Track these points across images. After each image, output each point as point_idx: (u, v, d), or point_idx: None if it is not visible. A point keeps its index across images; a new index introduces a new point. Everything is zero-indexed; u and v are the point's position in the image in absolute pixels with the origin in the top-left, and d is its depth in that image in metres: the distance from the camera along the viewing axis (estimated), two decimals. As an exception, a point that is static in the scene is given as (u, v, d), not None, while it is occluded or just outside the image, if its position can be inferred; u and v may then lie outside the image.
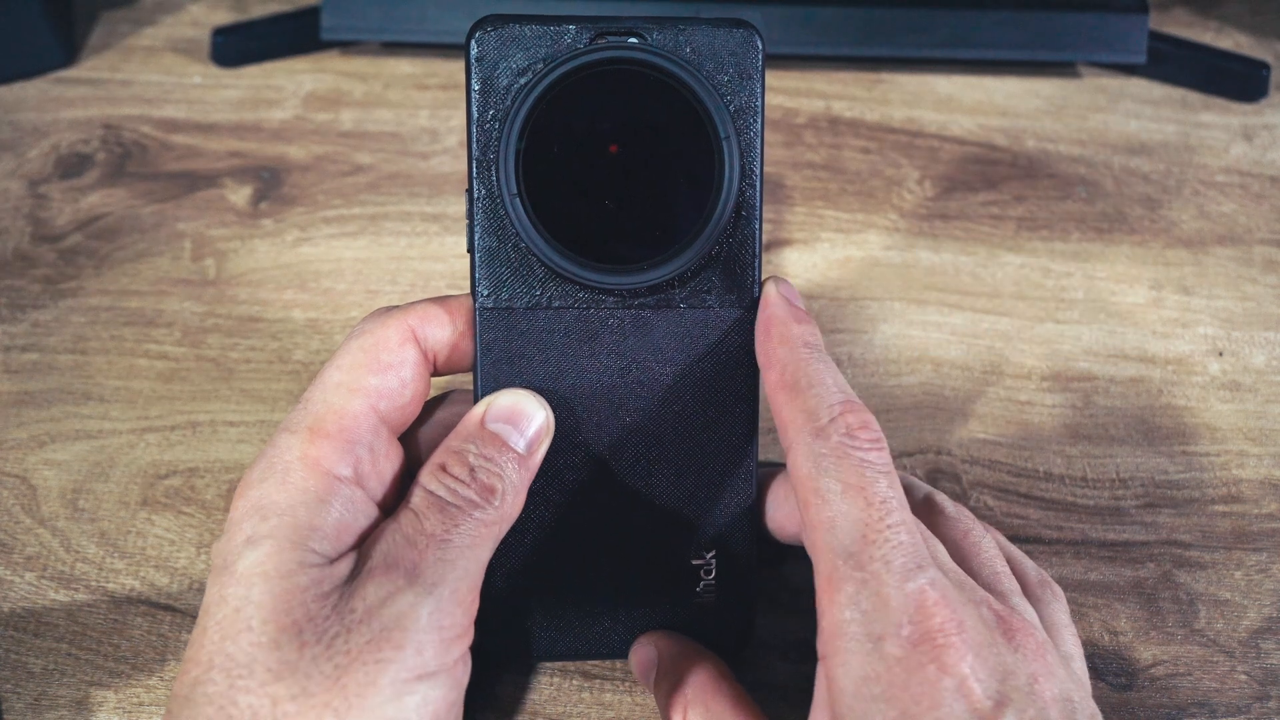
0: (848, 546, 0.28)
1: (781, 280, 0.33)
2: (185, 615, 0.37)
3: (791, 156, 0.55)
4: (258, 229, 0.50)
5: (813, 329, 0.32)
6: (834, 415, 0.30)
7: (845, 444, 0.29)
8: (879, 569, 0.27)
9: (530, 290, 0.32)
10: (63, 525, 0.40)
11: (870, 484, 0.29)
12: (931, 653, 0.26)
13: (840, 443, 0.29)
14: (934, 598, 0.27)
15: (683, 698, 0.32)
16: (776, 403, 0.31)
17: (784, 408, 0.31)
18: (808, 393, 0.30)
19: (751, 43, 0.32)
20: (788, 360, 0.31)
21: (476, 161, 0.32)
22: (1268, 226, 0.52)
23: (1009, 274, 0.49)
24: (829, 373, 0.31)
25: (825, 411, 0.30)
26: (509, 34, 0.32)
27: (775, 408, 0.31)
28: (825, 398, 0.30)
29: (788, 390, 0.31)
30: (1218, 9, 0.64)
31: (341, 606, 0.28)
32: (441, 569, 0.29)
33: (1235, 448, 0.43)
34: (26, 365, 0.45)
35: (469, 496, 0.30)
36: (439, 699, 0.28)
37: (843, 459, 0.29)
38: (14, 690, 0.35)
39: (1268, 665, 0.36)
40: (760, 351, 0.32)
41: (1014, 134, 0.56)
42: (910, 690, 0.26)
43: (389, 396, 0.31)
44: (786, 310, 0.32)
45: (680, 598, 0.34)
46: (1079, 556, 0.39)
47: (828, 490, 0.29)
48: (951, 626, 0.27)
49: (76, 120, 0.56)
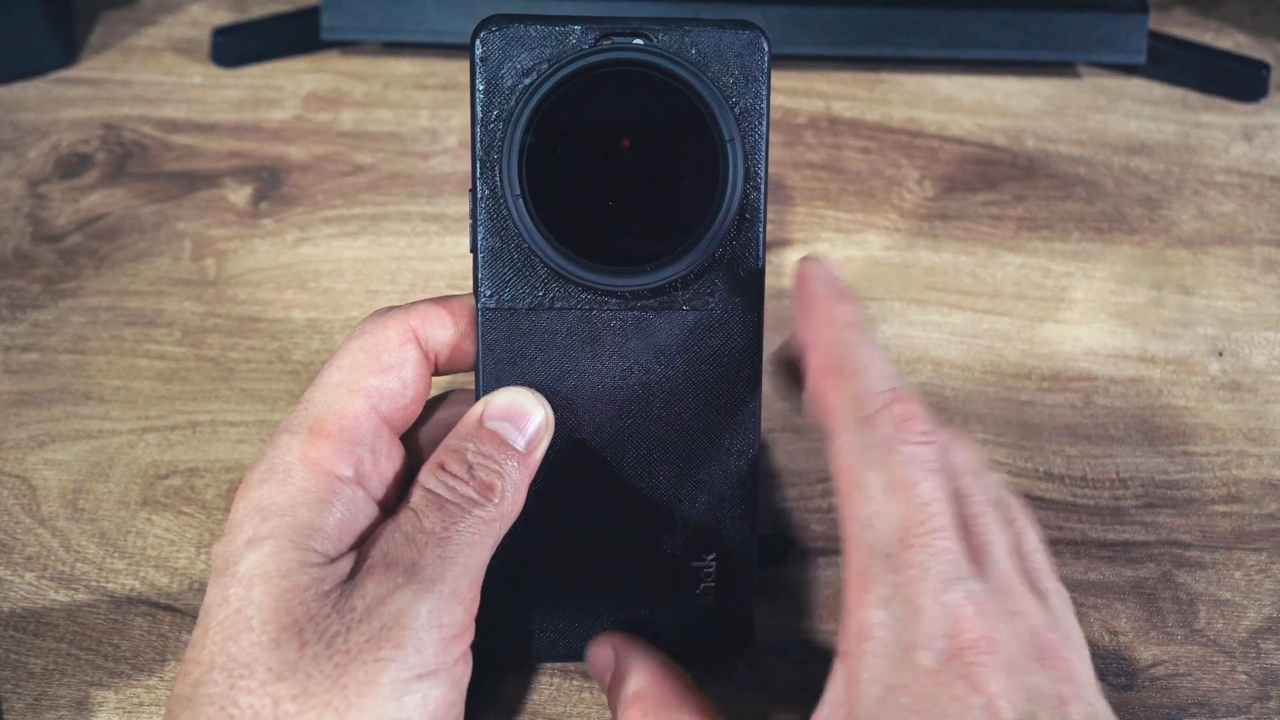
0: (884, 547, 0.27)
1: (816, 259, 0.31)
2: (185, 615, 0.37)
3: (791, 156, 0.55)
4: (258, 229, 0.50)
5: (857, 309, 0.30)
6: (884, 404, 0.28)
7: (893, 436, 0.28)
8: (915, 575, 0.27)
9: (533, 291, 0.32)
10: (63, 525, 0.40)
11: (916, 483, 0.27)
12: (963, 669, 0.26)
13: (888, 434, 0.28)
14: (970, 612, 0.26)
15: (642, 705, 0.31)
16: (820, 388, 0.29)
17: (829, 393, 0.29)
18: (855, 378, 0.29)
19: (757, 45, 0.32)
20: (833, 342, 0.29)
21: (480, 162, 0.32)
22: (1268, 226, 0.52)
23: (1009, 274, 0.49)
24: (877, 357, 0.29)
25: (873, 400, 0.28)
26: (514, 34, 0.32)
27: (818, 393, 0.29)
28: (873, 384, 0.28)
29: (833, 374, 0.29)
30: (1218, 9, 0.64)
31: (341, 605, 0.28)
32: (441, 566, 0.28)
33: (1235, 448, 0.43)
34: (26, 365, 0.45)
35: (467, 494, 0.30)
36: (439, 698, 0.28)
37: (889, 452, 0.28)
38: (14, 690, 0.35)
39: (1268, 665, 0.37)
40: (802, 332, 0.30)
41: (1014, 134, 0.56)
42: (939, 705, 0.26)
43: (390, 397, 0.31)
44: (829, 288, 0.30)
45: (680, 599, 0.34)
46: (1079, 556, 0.39)
47: (870, 485, 0.27)
48: (984, 644, 0.26)
49: (76, 120, 0.56)
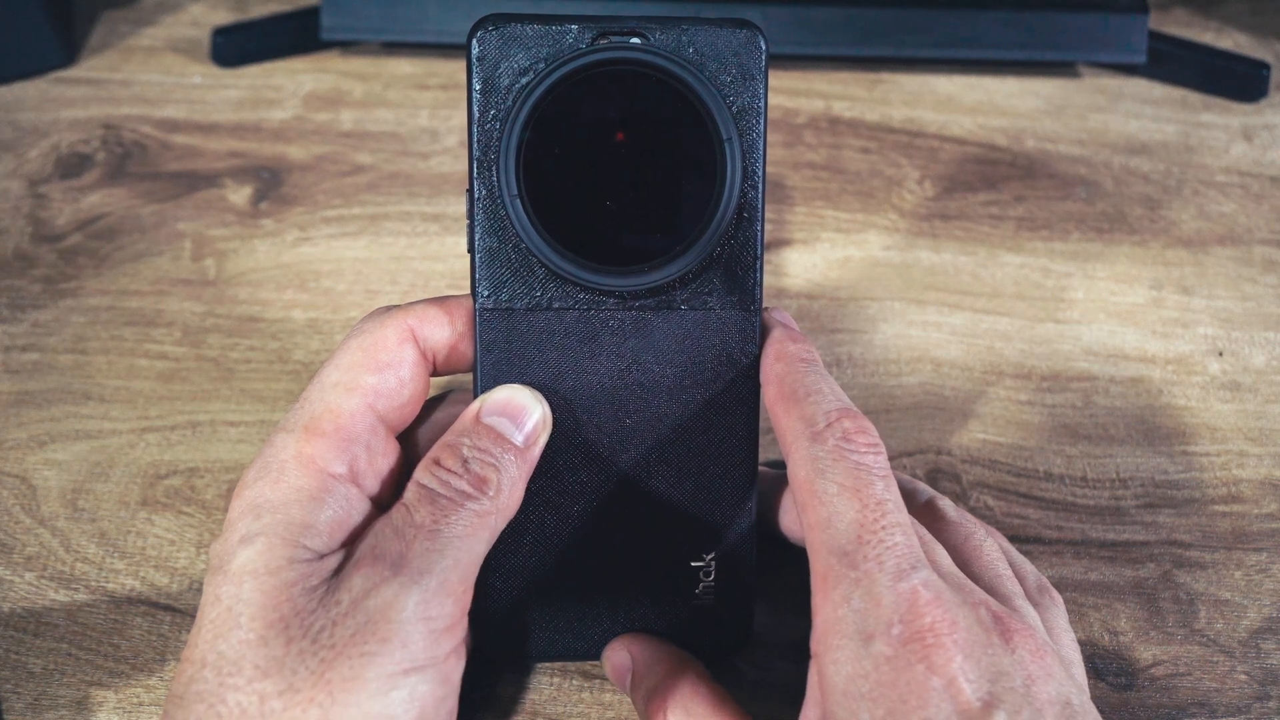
0: (843, 545, 0.28)
1: (775, 309, 0.34)
2: (185, 615, 0.37)
3: (791, 156, 0.55)
4: (258, 229, 0.50)
5: (808, 347, 0.33)
6: (830, 420, 0.30)
7: (842, 447, 0.30)
8: (872, 568, 0.28)
9: (530, 291, 0.32)
10: (63, 525, 0.40)
11: (866, 485, 0.29)
12: (921, 652, 0.26)
13: (837, 446, 0.30)
14: (926, 598, 0.27)
15: (662, 700, 0.32)
16: (776, 414, 0.31)
17: (783, 417, 0.31)
18: (805, 401, 0.31)
19: (755, 43, 0.32)
20: (785, 374, 0.32)
21: (477, 162, 0.32)
22: (1268, 226, 0.52)
23: (1009, 274, 0.49)
24: (825, 383, 0.31)
25: (822, 417, 0.30)
26: (511, 33, 0.32)
27: (775, 419, 0.32)
28: (822, 405, 0.31)
29: (785, 401, 0.31)
30: (1218, 9, 0.64)
31: (328, 599, 0.28)
32: (429, 559, 0.28)
33: (1235, 448, 0.43)
34: (26, 365, 0.45)
35: (461, 488, 0.30)
36: (426, 694, 0.28)
37: (839, 461, 0.29)
38: (14, 690, 0.35)
39: (1268, 665, 0.36)
40: (761, 372, 0.33)
41: (1014, 134, 0.56)
42: (898, 689, 0.26)
43: (387, 395, 0.31)
44: (782, 331, 0.33)
45: (679, 599, 0.34)
46: (1079, 556, 0.39)
47: (824, 491, 0.29)
48: (943, 626, 0.27)
49: (76, 120, 0.56)
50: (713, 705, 0.31)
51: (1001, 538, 0.35)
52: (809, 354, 0.32)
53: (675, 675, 0.32)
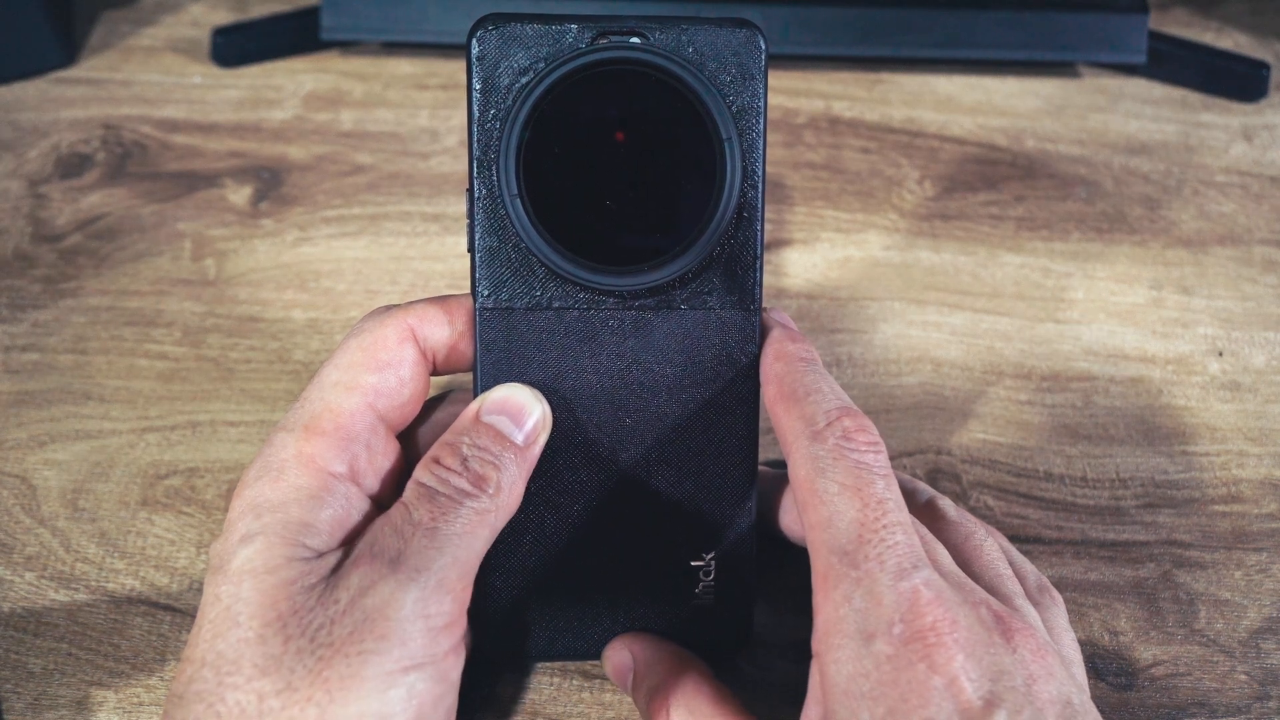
0: (843, 545, 0.28)
1: (774, 309, 0.34)
2: (185, 615, 0.37)
3: (791, 156, 0.55)
4: (258, 229, 0.50)
5: (807, 346, 0.33)
6: (831, 419, 0.30)
7: (842, 446, 0.30)
8: (873, 568, 0.28)
9: (530, 291, 0.32)
10: (63, 525, 0.40)
11: (867, 484, 0.29)
12: (922, 651, 0.26)
13: (837, 445, 0.30)
14: (927, 597, 0.27)
15: (665, 699, 0.32)
16: (776, 414, 0.31)
17: (783, 417, 0.31)
18: (805, 400, 0.31)
19: (754, 43, 0.32)
20: (784, 373, 0.32)
21: (477, 161, 0.32)
22: (1268, 226, 0.52)
23: (1009, 274, 0.49)
24: (825, 382, 0.31)
25: (822, 416, 0.30)
26: (510, 33, 0.32)
27: (775, 419, 0.31)
28: (822, 404, 0.31)
29: (785, 400, 0.31)
30: (1218, 9, 0.64)
31: (326, 597, 0.28)
32: (428, 556, 0.28)
33: (1235, 448, 0.43)
34: (26, 365, 0.45)
35: (460, 486, 0.30)
36: (424, 692, 0.28)
37: (840, 460, 0.29)
38: (14, 690, 0.35)
39: (1268, 665, 0.36)
40: (761, 372, 0.33)
41: (1014, 134, 0.56)
42: (899, 688, 0.26)
43: (387, 395, 0.32)
44: (782, 331, 0.33)
45: (679, 598, 0.34)
46: (1079, 556, 0.39)
47: (825, 490, 0.29)
48: (944, 625, 0.27)
49: (76, 120, 0.56)
50: (715, 704, 0.31)
51: (1002, 537, 0.35)
52: (808, 353, 0.32)
53: (677, 674, 0.32)
